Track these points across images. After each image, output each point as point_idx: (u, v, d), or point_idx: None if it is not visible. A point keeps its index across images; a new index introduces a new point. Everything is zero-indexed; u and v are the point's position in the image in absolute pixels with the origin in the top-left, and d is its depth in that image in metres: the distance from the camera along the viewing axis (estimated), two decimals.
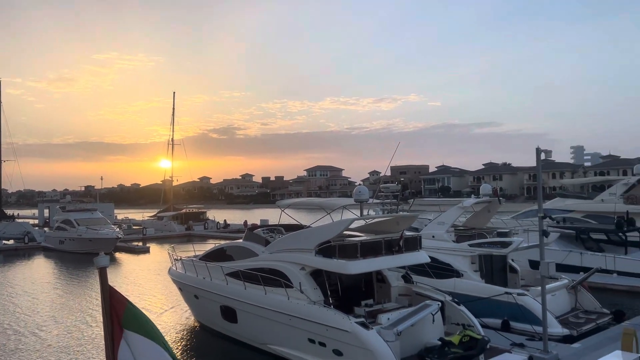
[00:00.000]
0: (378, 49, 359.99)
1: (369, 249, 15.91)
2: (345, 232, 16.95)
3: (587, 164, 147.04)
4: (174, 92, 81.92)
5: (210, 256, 21.41)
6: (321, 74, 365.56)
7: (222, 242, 24.10)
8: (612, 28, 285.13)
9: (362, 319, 14.69)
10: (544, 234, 16.42)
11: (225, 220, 76.82)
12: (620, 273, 28.23)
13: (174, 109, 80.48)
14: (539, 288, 17.08)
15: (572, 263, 29.21)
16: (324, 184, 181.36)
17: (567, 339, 17.90)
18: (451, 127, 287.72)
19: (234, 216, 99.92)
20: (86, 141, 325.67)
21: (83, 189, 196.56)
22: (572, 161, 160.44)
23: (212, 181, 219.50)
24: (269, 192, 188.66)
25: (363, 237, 17.14)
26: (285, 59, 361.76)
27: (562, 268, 26.11)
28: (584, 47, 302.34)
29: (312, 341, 15.57)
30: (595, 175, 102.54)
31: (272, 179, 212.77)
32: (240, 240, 20.47)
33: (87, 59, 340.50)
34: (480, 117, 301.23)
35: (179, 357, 17.83)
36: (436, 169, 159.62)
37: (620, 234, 30.24)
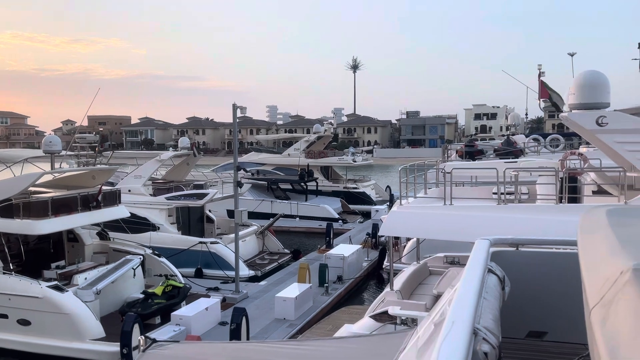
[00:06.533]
0: None
1: (62, 206, 14.84)
2: (30, 189, 15.21)
3: (279, 122, 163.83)
4: None
5: None
6: None
7: None
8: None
9: (55, 282, 13.79)
10: (238, 184, 18.06)
11: None
12: (301, 217, 33.25)
13: None
14: (232, 235, 18.79)
15: (264, 210, 32.96)
16: (4, 132, 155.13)
17: (254, 279, 20.38)
18: (156, 77, 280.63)
19: None
20: None
21: None
22: (267, 119, 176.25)
23: None
24: None
25: (54, 193, 15.70)
26: None
27: (255, 215, 29.21)
28: (280, 16, 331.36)
29: None
30: (285, 133, 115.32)
31: None
32: None
33: None
34: (186, 70, 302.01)
35: None
36: (139, 121, 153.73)
37: (302, 183, 35.45)
